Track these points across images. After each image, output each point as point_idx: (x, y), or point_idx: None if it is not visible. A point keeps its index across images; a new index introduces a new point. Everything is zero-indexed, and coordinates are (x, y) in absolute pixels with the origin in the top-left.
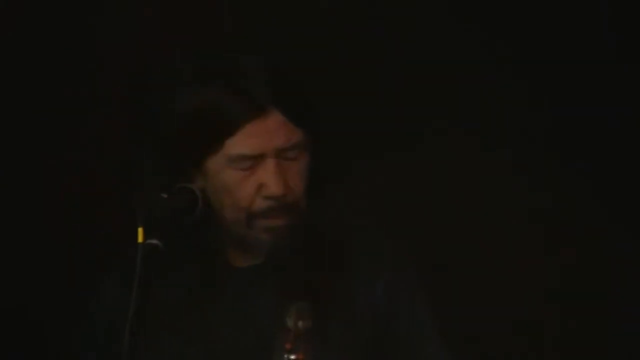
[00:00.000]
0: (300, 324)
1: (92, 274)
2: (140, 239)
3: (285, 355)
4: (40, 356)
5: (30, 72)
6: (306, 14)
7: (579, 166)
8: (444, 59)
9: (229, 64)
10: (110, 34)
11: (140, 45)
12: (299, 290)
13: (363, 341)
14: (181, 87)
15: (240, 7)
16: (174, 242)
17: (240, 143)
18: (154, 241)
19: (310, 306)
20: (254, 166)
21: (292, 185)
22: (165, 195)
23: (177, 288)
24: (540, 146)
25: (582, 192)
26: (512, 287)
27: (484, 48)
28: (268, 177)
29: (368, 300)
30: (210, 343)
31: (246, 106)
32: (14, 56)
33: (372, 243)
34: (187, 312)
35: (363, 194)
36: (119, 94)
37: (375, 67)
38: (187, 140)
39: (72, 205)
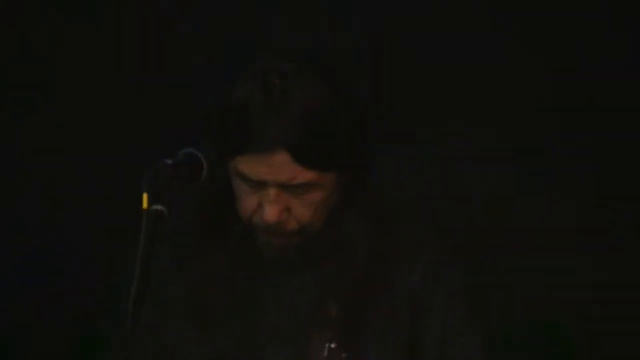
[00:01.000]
0: (336, 311)
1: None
2: (144, 205)
3: (327, 344)
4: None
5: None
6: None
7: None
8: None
9: (270, 81)
10: None
11: None
12: (336, 278)
13: (401, 328)
14: (230, 86)
15: None
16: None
17: (246, 165)
18: (159, 207)
19: (349, 294)
20: (258, 186)
21: (296, 214)
22: (169, 161)
23: (218, 270)
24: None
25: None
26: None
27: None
28: (266, 203)
29: (406, 286)
30: (247, 328)
31: (257, 137)
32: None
33: (410, 228)
34: (226, 296)
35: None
36: None
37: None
38: (215, 134)
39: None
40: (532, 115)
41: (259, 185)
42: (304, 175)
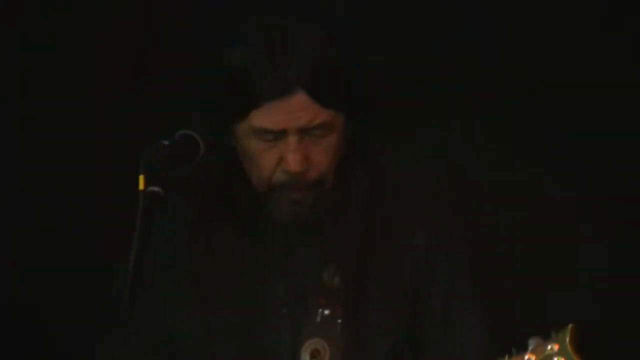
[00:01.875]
0: (336, 279)
1: None
2: (141, 186)
3: (320, 310)
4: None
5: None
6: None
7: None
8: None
9: (272, 33)
10: None
11: None
12: (338, 245)
13: (402, 294)
14: (229, 48)
15: None
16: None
17: (264, 117)
18: (155, 188)
19: (351, 263)
20: (277, 139)
21: (315, 162)
22: (166, 142)
23: (222, 246)
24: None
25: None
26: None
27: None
28: (288, 152)
29: (409, 253)
30: (252, 301)
31: (272, 84)
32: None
33: (412, 196)
34: (231, 270)
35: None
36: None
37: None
38: (220, 100)
39: None
40: (531, 112)
41: (279, 136)
42: (322, 115)
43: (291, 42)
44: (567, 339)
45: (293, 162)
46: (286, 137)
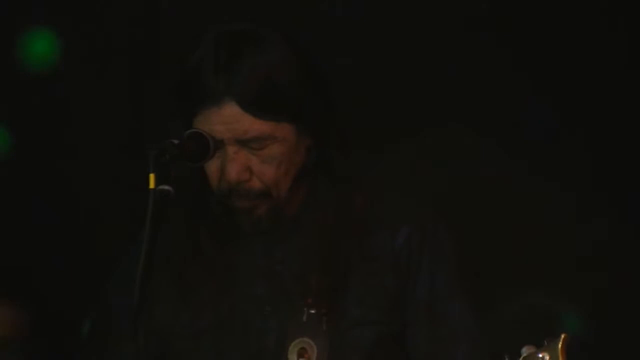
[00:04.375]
0: (320, 278)
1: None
2: (151, 185)
3: (306, 309)
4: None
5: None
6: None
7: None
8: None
9: (222, 41)
10: None
11: None
12: (319, 245)
13: (384, 291)
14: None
15: None
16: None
17: (202, 125)
18: (166, 187)
19: (328, 262)
20: (218, 149)
21: (258, 172)
22: (175, 141)
23: (202, 250)
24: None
25: None
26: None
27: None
28: (226, 162)
29: (390, 250)
30: (233, 303)
31: (206, 92)
32: None
33: (393, 197)
34: (211, 274)
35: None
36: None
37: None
38: (175, 103)
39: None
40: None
41: (218, 144)
42: (257, 126)
43: (235, 51)
44: (559, 348)
45: (230, 171)
46: (225, 147)
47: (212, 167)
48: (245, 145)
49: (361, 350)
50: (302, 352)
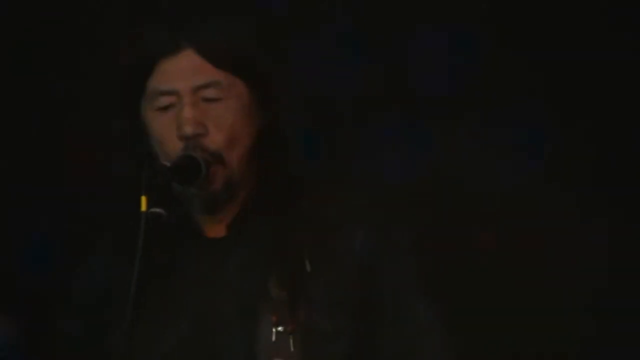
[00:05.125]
0: (283, 292)
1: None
2: (143, 207)
3: (273, 329)
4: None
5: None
6: None
7: None
8: None
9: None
10: None
11: None
12: (277, 258)
13: (351, 302)
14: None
15: None
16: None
17: (156, 79)
18: (157, 210)
19: (292, 273)
20: (173, 107)
21: (212, 129)
22: (167, 164)
23: (157, 264)
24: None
25: None
26: None
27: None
28: (181, 115)
29: (350, 252)
30: (195, 319)
31: (159, 42)
32: None
33: (347, 203)
34: (165, 286)
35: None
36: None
37: None
38: (125, 82)
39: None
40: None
41: (172, 97)
42: (214, 74)
43: (190, 11)
44: None
45: (186, 122)
46: (181, 102)
47: (165, 130)
48: (201, 96)
49: None
50: None
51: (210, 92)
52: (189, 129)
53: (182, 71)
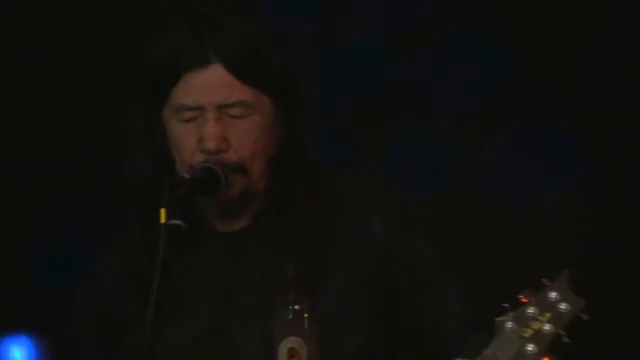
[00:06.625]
0: (300, 271)
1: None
2: (162, 219)
3: (290, 307)
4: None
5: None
6: None
7: None
8: None
9: (200, 18)
10: None
11: None
12: (294, 241)
13: (366, 278)
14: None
15: None
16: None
17: (181, 92)
18: (177, 221)
19: (309, 252)
20: (196, 119)
21: (235, 144)
22: (187, 176)
23: (178, 263)
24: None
25: None
26: None
27: None
28: (205, 130)
29: (367, 240)
30: (214, 311)
31: (190, 54)
32: None
33: (364, 187)
34: (183, 280)
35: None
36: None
37: None
38: (148, 87)
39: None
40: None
41: (198, 112)
42: (241, 92)
43: (217, 22)
44: (567, 284)
45: (209, 138)
46: (204, 115)
47: (187, 140)
48: (226, 112)
49: (350, 350)
50: (292, 352)
51: (235, 111)
52: (211, 145)
53: (209, 87)
